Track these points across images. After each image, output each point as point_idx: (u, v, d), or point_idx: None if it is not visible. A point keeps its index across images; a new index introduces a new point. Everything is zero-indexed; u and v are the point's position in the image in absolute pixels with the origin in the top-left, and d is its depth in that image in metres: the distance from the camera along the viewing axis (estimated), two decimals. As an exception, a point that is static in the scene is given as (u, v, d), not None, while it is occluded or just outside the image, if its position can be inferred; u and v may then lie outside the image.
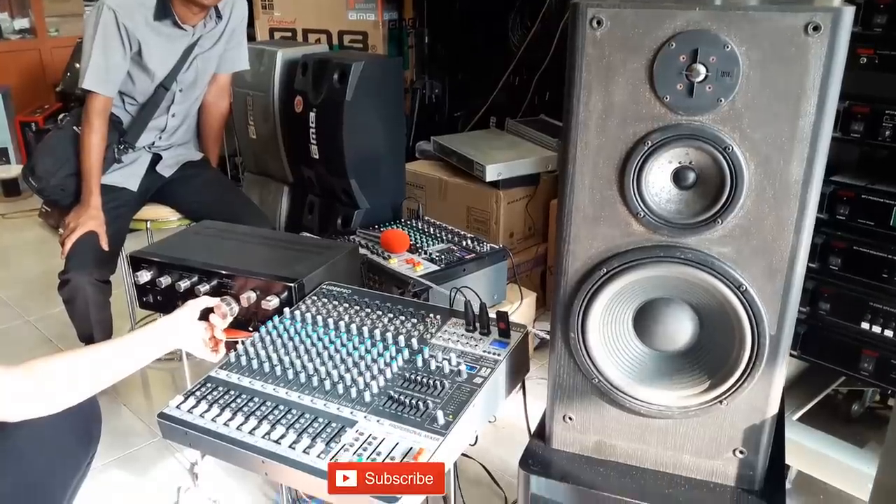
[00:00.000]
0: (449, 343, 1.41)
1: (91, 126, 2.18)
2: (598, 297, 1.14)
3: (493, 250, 2.21)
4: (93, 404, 1.40)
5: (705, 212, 1.07)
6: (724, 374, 1.13)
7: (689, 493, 1.20)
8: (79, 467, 1.39)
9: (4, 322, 2.97)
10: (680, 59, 1.01)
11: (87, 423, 1.40)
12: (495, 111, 3.44)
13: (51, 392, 1.27)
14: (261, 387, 1.33)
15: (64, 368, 1.29)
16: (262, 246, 1.89)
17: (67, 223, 2.18)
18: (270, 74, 2.76)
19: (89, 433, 1.40)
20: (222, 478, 2.01)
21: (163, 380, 2.51)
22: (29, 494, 1.30)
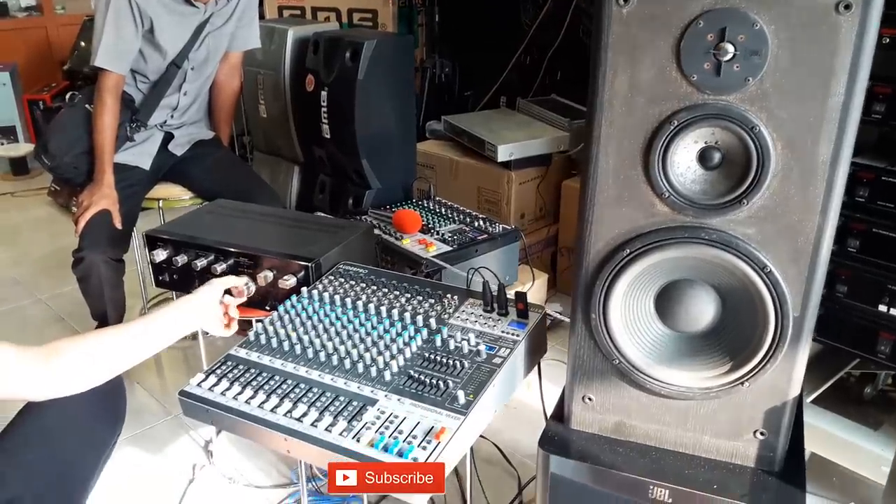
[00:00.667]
0: (467, 323, 1.42)
1: (104, 104, 2.17)
2: (621, 278, 1.13)
3: (505, 231, 2.21)
4: (119, 383, 1.41)
5: (730, 192, 1.06)
6: (747, 356, 1.13)
7: (709, 474, 1.20)
8: (106, 445, 1.40)
9: (16, 300, 2.98)
10: (708, 38, 1.00)
11: (114, 401, 1.41)
12: (506, 90, 3.42)
13: (72, 374, 1.28)
14: (281, 365, 1.33)
15: (86, 350, 1.30)
16: (277, 225, 1.89)
17: (81, 201, 2.18)
18: (281, 53, 2.74)
19: (116, 412, 1.41)
20: (236, 455, 2.03)
21: (175, 358, 2.51)
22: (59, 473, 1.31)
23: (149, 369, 2.47)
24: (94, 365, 1.30)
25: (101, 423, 1.39)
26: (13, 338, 1.26)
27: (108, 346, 1.31)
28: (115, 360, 1.31)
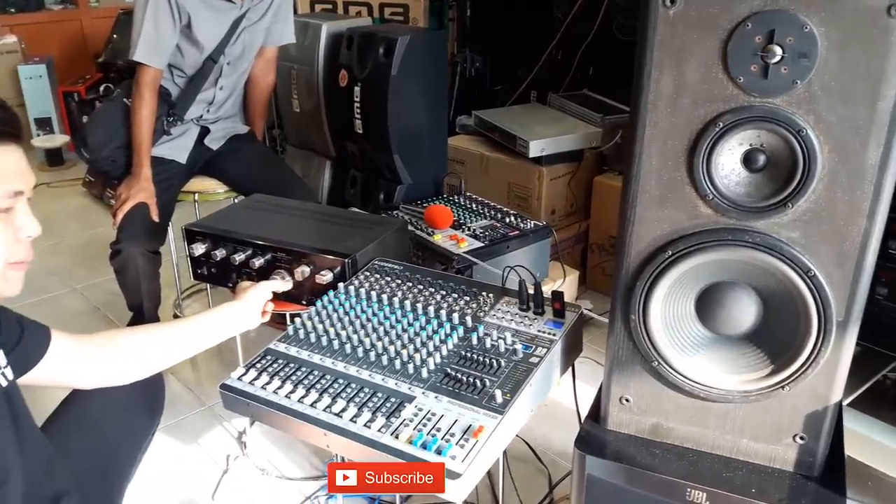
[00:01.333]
0: (503, 322, 1.42)
1: (142, 98, 2.20)
2: (662, 279, 1.13)
3: (536, 227, 2.21)
4: (158, 377, 1.43)
5: (775, 195, 1.06)
6: (788, 360, 1.12)
7: (747, 478, 1.19)
8: (145, 436, 1.43)
9: (53, 290, 3.03)
10: (755, 40, 0.99)
11: (154, 394, 1.43)
12: (537, 85, 3.40)
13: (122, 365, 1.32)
14: (319, 360, 1.35)
15: (138, 343, 1.34)
16: (313, 220, 1.91)
17: (119, 194, 2.21)
18: (315, 48, 2.75)
19: (155, 404, 1.44)
20: (269, 447, 2.05)
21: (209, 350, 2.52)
22: (99, 462, 1.34)
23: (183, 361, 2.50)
24: (143, 358, 1.34)
25: (140, 414, 1.41)
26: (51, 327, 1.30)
27: (159, 342, 1.36)
28: (164, 355, 1.36)
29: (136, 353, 1.32)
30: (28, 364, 1.21)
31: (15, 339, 1.18)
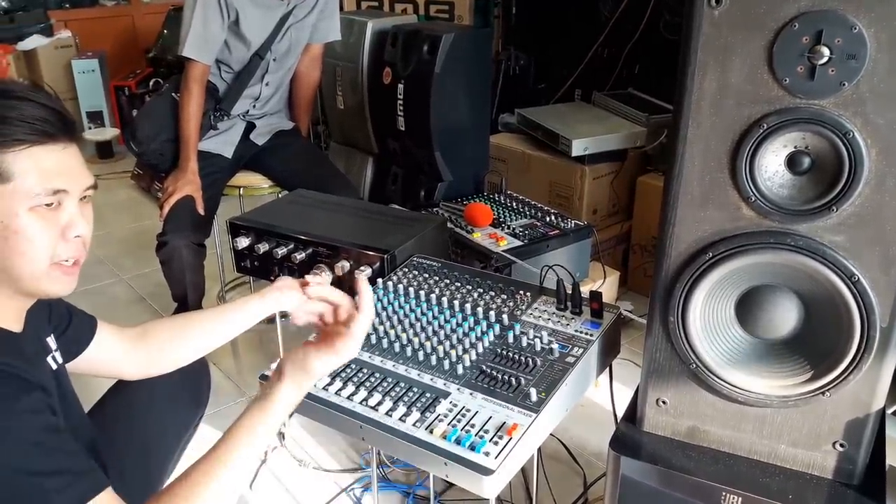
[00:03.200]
0: (540, 321, 1.42)
1: (190, 93, 2.25)
2: (702, 281, 1.12)
3: (577, 227, 2.20)
4: (203, 367, 1.46)
5: (819, 199, 1.04)
6: (829, 365, 1.11)
7: (784, 484, 1.18)
8: (187, 428, 1.45)
9: (100, 280, 3.11)
10: (802, 41, 0.98)
11: (198, 386, 1.46)
12: (581, 84, 3.38)
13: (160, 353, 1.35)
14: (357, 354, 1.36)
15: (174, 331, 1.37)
16: (353, 216, 1.93)
17: (166, 187, 2.26)
18: (360, 45, 2.78)
19: (199, 395, 1.47)
20: (307, 439, 2.08)
21: (251, 341, 2.59)
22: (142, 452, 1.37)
23: (225, 351, 2.55)
24: (180, 346, 1.36)
25: (184, 405, 1.44)
26: (98, 315, 1.34)
27: (194, 327, 1.38)
28: (200, 341, 1.38)
29: (167, 343, 1.35)
30: (75, 351, 1.26)
31: (64, 325, 1.23)
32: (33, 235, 0.97)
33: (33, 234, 0.97)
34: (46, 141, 0.96)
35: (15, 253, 0.97)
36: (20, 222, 0.96)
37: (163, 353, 1.36)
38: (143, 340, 1.34)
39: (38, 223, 0.97)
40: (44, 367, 1.11)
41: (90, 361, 1.28)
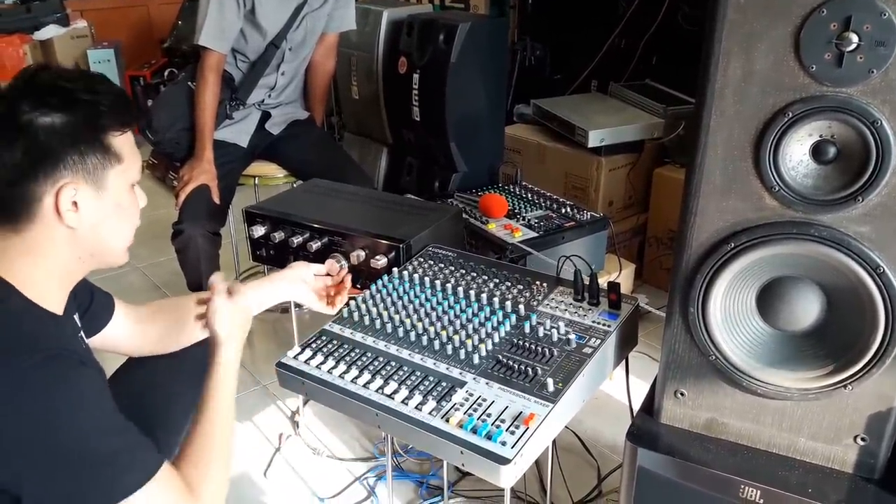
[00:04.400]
0: (557, 311, 1.41)
1: (205, 82, 2.25)
2: (723, 272, 1.10)
3: (593, 219, 2.18)
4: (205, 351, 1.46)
5: (845, 189, 1.02)
6: (851, 358, 1.09)
7: (804, 477, 1.16)
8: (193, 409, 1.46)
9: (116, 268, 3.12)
10: (830, 27, 0.96)
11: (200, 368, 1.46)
12: (598, 74, 3.36)
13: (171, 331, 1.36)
14: (373, 342, 1.36)
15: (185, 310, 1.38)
16: (369, 206, 1.93)
17: (181, 176, 2.27)
18: (375, 34, 2.77)
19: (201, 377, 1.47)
20: (321, 427, 2.09)
21: (265, 330, 2.60)
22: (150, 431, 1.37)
23: (239, 340, 2.55)
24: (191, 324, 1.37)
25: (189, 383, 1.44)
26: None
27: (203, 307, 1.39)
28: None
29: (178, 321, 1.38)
30: (95, 328, 1.29)
31: (87, 303, 1.26)
32: (133, 210, 1.11)
33: (133, 209, 1.11)
34: (134, 123, 1.09)
35: (119, 228, 1.09)
36: (128, 198, 1.09)
37: (174, 331, 1.38)
38: (154, 318, 1.37)
39: (134, 198, 1.10)
40: (81, 345, 1.16)
41: (104, 338, 1.32)
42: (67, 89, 1.01)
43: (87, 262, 1.09)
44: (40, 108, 0.98)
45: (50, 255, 1.04)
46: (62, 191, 1.00)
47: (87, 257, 1.08)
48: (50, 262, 1.04)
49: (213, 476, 1.11)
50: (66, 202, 1.01)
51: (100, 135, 1.02)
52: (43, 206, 1.01)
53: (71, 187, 1.01)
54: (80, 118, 1.01)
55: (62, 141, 0.99)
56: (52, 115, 0.99)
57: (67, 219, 1.02)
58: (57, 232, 1.03)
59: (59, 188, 1.00)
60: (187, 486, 1.05)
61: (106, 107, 1.03)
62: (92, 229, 1.05)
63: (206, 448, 1.13)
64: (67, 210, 1.01)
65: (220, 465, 1.14)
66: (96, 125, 1.02)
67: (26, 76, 1.02)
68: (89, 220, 1.04)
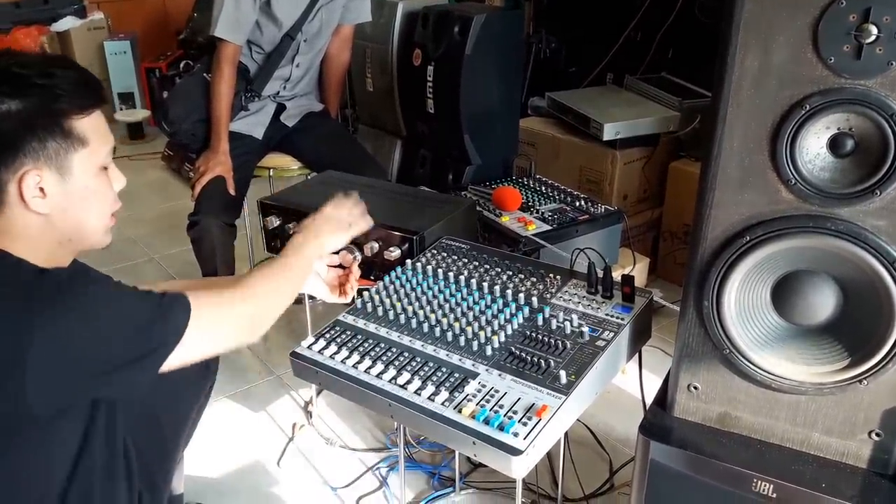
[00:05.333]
0: (570, 304, 1.41)
1: (221, 73, 2.26)
2: (738, 266, 1.10)
3: (607, 212, 2.17)
4: None
5: (862, 182, 1.02)
6: (867, 353, 1.08)
7: (817, 472, 1.16)
8: (197, 398, 1.46)
9: (132, 258, 3.14)
10: (850, 19, 0.95)
11: None
12: (613, 67, 3.33)
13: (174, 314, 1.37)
14: (386, 333, 1.37)
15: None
16: (383, 198, 1.93)
17: (197, 167, 2.28)
18: (390, 26, 2.77)
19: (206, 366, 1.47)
20: (334, 418, 2.10)
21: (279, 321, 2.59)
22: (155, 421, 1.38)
23: (253, 330, 2.57)
24: None
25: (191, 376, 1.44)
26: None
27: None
28: None
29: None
30: None
31: None
32: (105, 192, 1.10)
33: (105, 191, 1.10)
34: (100, 104, 1.08)
35: (90, 211, 1.09)
36: (97, 182, 1.08)
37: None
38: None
39: (104, 180, 1.10)
40: None
41: None
42: (20, 75, 0.99)
43: (69, 245, 1.09)
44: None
45: (29, 237, 1.04)
46: (24, 178, 0.99)
47: (65, 241, 1.08)
48: (31, 244, 1.04)
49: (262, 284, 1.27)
50: (29, 189, 1.00)
51: (59, 119, 1.01)
52: (9, 193, 1.00)
53: (33, 174, 1.00)
54: (34, 104, 0.99)
55: (19, 128, 0.98)
56: (7, 102, 0.97)
57: (34, 205, 1.01)
58: (29, 218, 1.03)
59: (21, 175, 0.99)
60: (230, 287, 1.21)
61: (64, 90, 1.01)
62: (63, 214, 1.05)
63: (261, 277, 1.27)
64: (34, 197, 1.01)
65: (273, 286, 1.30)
66: (53, 110, 1.01)
67: None
68: (58, 205, 1.03)
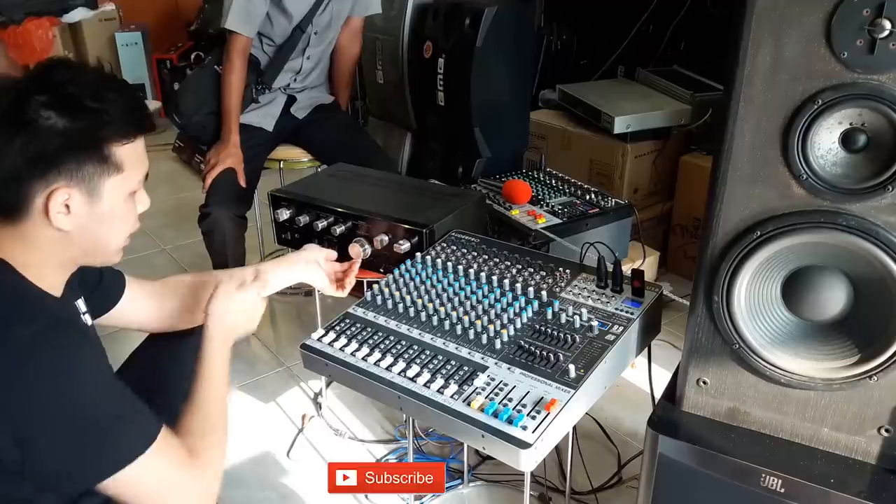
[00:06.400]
0: (579, 298, 1.41)
1: (232, 65, 2.26)
2: (749, 261, 1.10)
3: (617, 206, 2.17)
4: None
5: (874, 178, 1.01)
6: (877, 349, 1.08)
7: (826, 467, 1.16)
8: None
9: (143, 250, 3.16)
10: (863, 13, 0.94)
11: None
12: (624, 60, 3.32)
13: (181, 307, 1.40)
14: (395, 326, 1.37)
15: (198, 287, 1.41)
16: (393, 191, 1.94)
17: (208, 160, 2.29)
18: (401, 18, 2.76)
19: None
20: (343, 409, 2.11)
21: (288, 312, 2.62)
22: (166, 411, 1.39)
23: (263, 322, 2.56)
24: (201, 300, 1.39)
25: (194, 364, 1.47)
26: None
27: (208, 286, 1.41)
28: None
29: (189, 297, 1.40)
30: (104, 307, 1.31)
31: (94, 284, 1.28)
32: (127, 217, 1.10)
33: (127, 217, 1.09)
34: (144, 133, 1.08)
35: (111, 235, 1.09)
36: (122, 208, 1.07)
37: (185, 308, 1.40)
38: (169, 293, 1.40)
39: (131, 206, 1.09)
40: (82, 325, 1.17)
41: (118, 313, 1.34)
42: (74, 95, 0.99)
43: (81, 259, 1.11)
44: (46, 109, 0.97)
45: (43, 248, 1.04)
46: (53, 195, 0.99)
47: (79, 256, 1.09)
48: (44, 254, 1.05)
49: (212, 445, 1.11)
50: (56, 205, 1.00)
51: (100, 144, 1.01)
52: (34, 205, 1.00)
53: (63, 192, 0.99)
54: (82, 126, 0.99)
55: (61, 146, 0.98)
56: (56, 118, 0.97)
57: (57, 221, 1.01)
58: (48, 230, 1.02)
59: (51, 192, 0.99)
60: (188, 453, 1.06)
61: (111, 116, 1.01)
62: (82, 232, 1.04)
63: (202, 418, 1.13)
64: (58, 213, 1.00)
65: (217, 436, 1.14)
66: (97, 135, 1.00)
67: (41, 70, 1.01)
68: (80, 224, 1.03)
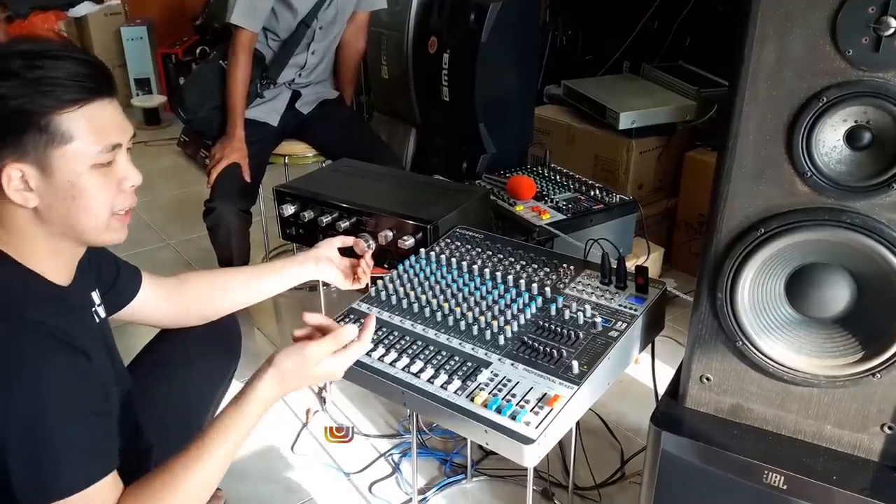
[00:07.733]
0: (583, 294, 1.41)
1: (237, 60, 2.27)
2: (752, 258, 1.10)
3: (622, 202, 2.17)
4: (232, 322, 1.50)
5: (879, 175, 1.01)
6: (881, 347, 1.08)
7: (829, 465, 1.16)
8: (222, 381, 1.49)
9: (148, 244, 3.17)
10: (868, 11, 0.94)
11: (229, 339, 1.50)
12: (630, 55, 3.31)
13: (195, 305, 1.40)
14: (399, 322, 1.38)
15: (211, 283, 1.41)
16: (398, 187, 1.94)
17: (213, 154, 2.29)
18: (406, 13, 2.76)
19: (230, 350, 1.50)
20: (347, 404, 2.11)
21: (294, 307, 2.63)
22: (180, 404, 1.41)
23: (268, 316, 2.59)
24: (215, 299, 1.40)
25: (216, 359, 1.48)
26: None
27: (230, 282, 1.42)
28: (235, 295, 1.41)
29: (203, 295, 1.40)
30: (120, 304, 1.31)
31: (111, 280, 1.28)
32: (97, 192, 1.02)
33: (97, 191, 1.02)
34: (96, 98, 1.00)
35: (80, 210, 1.02)
36: (84, 181, 1.00)
37: (198, 305, 1.41)
38: (180, 291, 1.40)
39: (99, 179, 1.02)
40: (89, 321, 1.16)
41: (133, 310, 1.34)
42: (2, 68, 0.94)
43: (70, 236, 1.05)
44: None
45: (19, 229, 1.01)
46: (4, 172, 0.96)
47: (60, 234, 1.04)
48: (24, 236, 1.02)
49: None
50: (13, 183, 0.97)
51: (34, 115, 0.95)
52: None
53: (14, 167, 0.96)
54: (12, 97, 0.94)
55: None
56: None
57: (17, 198, 0.98)
58: (20, 210, 1.00)
59: (1, 168, 0.96)
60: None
61: (46, 85, 0.95)
62: (49, 209, 1.00)
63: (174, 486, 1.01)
64: (17, 190, 0.97)
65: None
66: (28, 105, 0.95)
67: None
68: (46, 202, 0.99)
